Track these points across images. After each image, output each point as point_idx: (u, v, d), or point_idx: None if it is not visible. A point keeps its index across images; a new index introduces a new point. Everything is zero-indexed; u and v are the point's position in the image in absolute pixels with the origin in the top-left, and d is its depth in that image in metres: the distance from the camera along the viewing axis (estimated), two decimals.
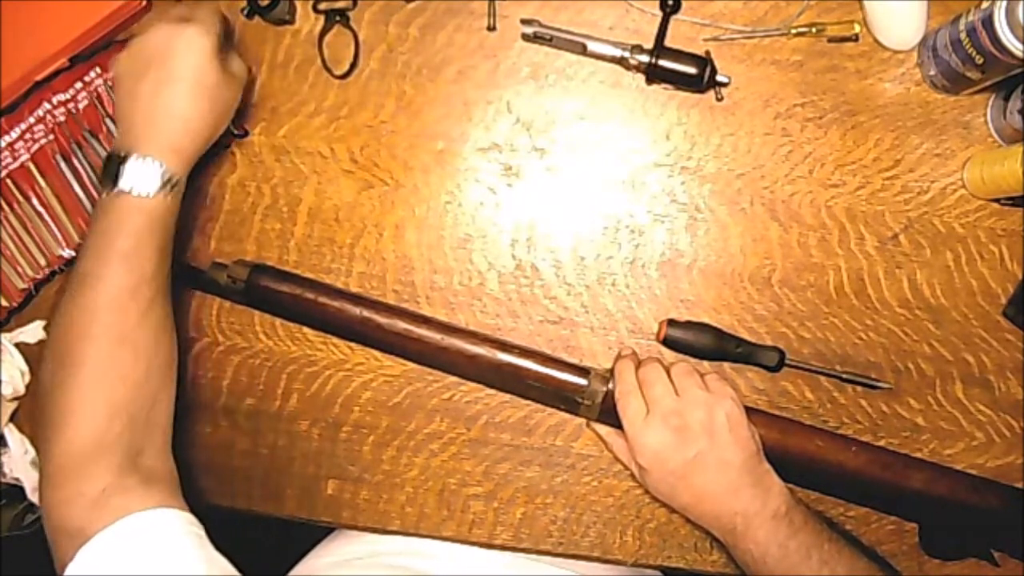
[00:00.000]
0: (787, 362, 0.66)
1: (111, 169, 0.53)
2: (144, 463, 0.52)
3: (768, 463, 0.60)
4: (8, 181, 0.64)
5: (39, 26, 0.63)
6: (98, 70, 0.65)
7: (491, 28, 0.67)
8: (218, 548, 0.50)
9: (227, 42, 0.58)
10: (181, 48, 0.54)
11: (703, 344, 0.65)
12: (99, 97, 0.65)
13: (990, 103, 0.66)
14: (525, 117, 0.68)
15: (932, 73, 0.65)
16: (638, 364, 0.63)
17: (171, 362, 0.56)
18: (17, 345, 0.68)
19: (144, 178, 0.53)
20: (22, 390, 0.68)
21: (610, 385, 0.63)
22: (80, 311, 0.52)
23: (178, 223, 0.57)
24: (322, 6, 0.67)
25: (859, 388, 0.67)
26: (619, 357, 0.65)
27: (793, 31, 0.66)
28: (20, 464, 0.68)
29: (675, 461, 0.59)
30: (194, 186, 0.69)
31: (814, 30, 0.66)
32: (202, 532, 0.51)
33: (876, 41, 0.66)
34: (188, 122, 0.55)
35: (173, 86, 0.54)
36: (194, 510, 0.52)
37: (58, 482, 0.50)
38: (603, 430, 0.66)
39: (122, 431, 0.51)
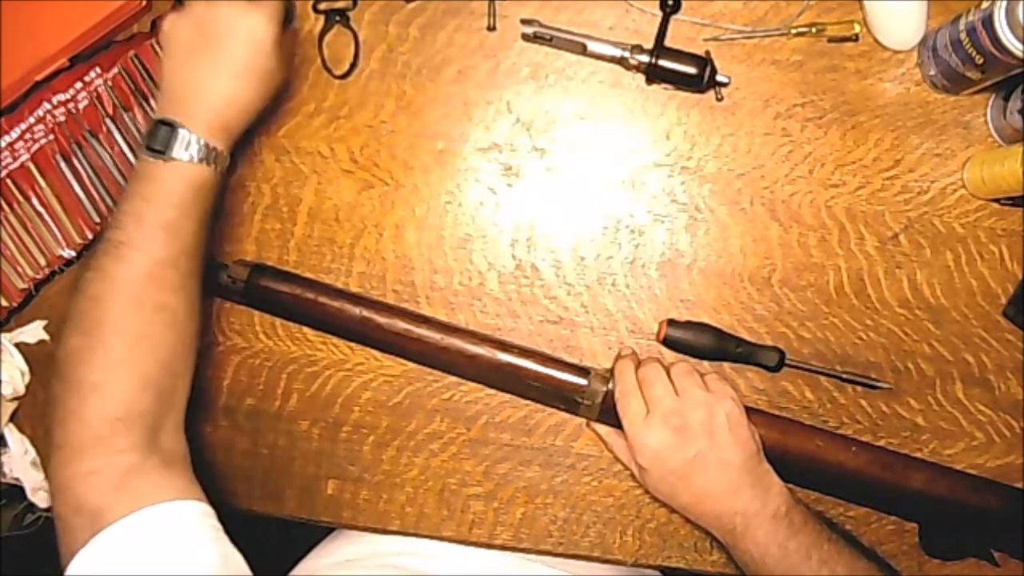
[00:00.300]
0: (787, 362, 0.66)
1: (157, 137, 0.53)
2: (163, 441, 0.52)
3: (768, 463, 0.60)
4: (8, 181, 0.64)
5: (39, 26, 0.62)
6: (98, 70, 0.65)
7: (491, 28, 0.67)
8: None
9: (286, 24, 0.58)
10: (245, 33, 0.54)
11: (703, 344, 0.65)
12: (99, 97, 0.65)
13: (990, 103, 0.66)
14: (525, 117, 0.68)
15: (932, 73, 0.65)
16: (638, 364, 0.63)
17: (197, 338, 0.56)
18: (17, 345, 0.68)
19: (189, 150, 0.53)
20: (22, 390, 0.68)
21: (610, 385, 0.63)
22: (115, 278, 0.51)
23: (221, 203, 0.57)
24: (322, 6, 0.67)
25: (859, 388, 0.67)
26: (619, 357, 0.65)
27: (793, 31, 0.66)
28: (20, 464, 0.68)
29: (675, 461, 0.59)
30: None
31: (814, 30, 0.66)
32: (217, 523, 0.50)
33: (876, 41, 0.66)
34: (236, 103, 0.55)
35: (228, 68, 0.54)
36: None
37: (78, 455, 0.49)
38: (603, 430, 0.66)
39: (150, 404, 0.51)
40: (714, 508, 0.59)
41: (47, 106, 0.64)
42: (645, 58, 0.64)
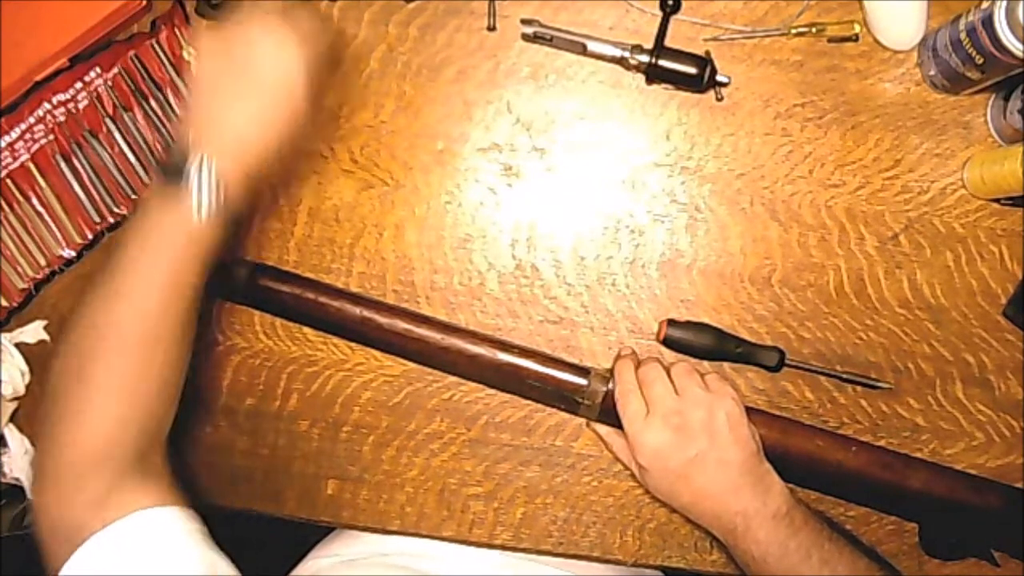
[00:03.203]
0: (787, 362, 0.66)
1: (181, 173, 0.50)
2: (143, 463, 0.52)
3: (768, 463, 0.60)
4: (8, 181, 0.64)
5: (39, 26, 0.62)
6: (98, 70, 0.65)
7: (491, 28, 0.67)
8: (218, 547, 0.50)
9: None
10: (290, 75, 0.51)
11: (703, 344, 0.65)
12: (99, 97, 0.65)
13: (990, 103, 0.66)
14: (525, 117, 0.68)
15: (932, 73, 0.65)
16: (638, 364, 0.63)
17: (183, 377, 0.55)
18: (17, 345, 0.68)
19: (208, 200, 0.50)
20: (22, 390, 0.68)
21: (610, 385, 0.63)
22: (116, 317, 0.51)
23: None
24: None
25: (859, 388, 0.67)
26: (619, 357, 0.65)
27: (793, 31, 0.66)
28: (20, 464, 0.68)
29: (675, 460, 0.59)
30: None
31: (814, 30, 0.66)
32: (202, 528, 0.50)
33: (876, 41, 0.66)
34: (269, 148, 0.53)
35: (271, 113, 0.52)
36: (194, 510, 0.52)
37: (59, 481, 0.49)
38: (603, 430, 0.66)
39: (133, 439, 0.51)
40: (714, 508, 0.59)
41: (47, 106, 0.64)
42: (645, 58, 0.64)
